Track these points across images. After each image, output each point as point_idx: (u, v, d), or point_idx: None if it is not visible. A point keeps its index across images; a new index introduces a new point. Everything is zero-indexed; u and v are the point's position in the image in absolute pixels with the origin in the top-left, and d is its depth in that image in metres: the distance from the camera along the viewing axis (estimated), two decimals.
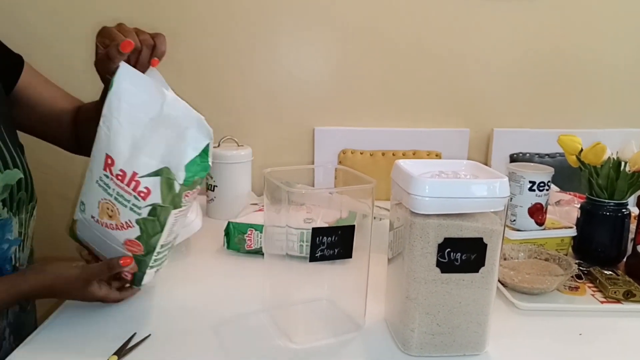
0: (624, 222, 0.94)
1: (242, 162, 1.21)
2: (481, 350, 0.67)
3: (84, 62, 0.89)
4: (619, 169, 0.93)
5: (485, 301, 0.65)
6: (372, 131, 1.57)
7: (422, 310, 0.64)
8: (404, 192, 0.64)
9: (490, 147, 1.60)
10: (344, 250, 0.67)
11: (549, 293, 0.84)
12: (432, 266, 0.63)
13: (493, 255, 0.63)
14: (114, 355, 0.64)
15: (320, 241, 0.65)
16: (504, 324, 0.75)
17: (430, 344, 0.66)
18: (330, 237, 0.65)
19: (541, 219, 0.97)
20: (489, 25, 1.54)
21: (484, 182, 0.63)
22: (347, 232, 0.67)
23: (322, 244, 0.65)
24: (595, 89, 1.61)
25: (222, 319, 0.75)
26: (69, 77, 1.09)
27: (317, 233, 0.65)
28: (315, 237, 0.65)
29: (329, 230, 0.65)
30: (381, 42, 1.53)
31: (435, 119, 1.59)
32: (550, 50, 1.57)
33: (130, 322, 0.73)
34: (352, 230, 0.67)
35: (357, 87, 1.56)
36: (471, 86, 1.58)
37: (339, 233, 0.66)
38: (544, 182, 0.96)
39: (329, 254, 0.66)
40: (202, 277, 0.91)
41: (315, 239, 0.65)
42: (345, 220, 0.73)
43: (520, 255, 0.92)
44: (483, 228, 0.62)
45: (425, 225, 0.62)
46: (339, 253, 0.67)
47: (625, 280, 0.86)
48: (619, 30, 1.57)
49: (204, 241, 1.05)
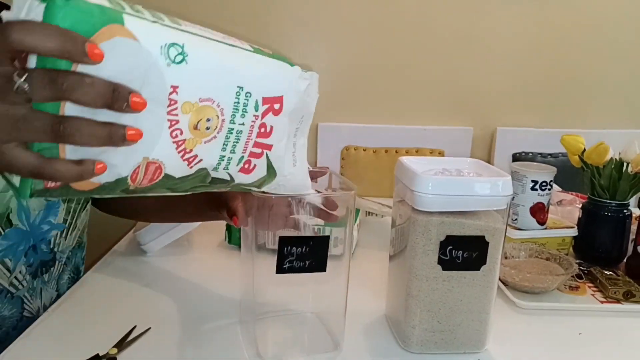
0: (625, 222, 0.94)
1: None
2: (481, 348, 0.67)
3: None
4: (621, 170, 0.93)
5: (486, 299, 0.65)
6: (376, 128, 1.57)
7: (423, 307, 0.65)
8: (407, 189, 0.64)
9: (494, 145, 1.60)
10: (316, 262, 0.60)
11: (550, 292, 0.84)
12: (434, 263, 0.63)
13: (495, 254, 0.64)
14: (113, 347, 0.64)
15: (288, 252, 0.59)
16: (504, 322, 0.75)
17: (430, 341, 0.66)
18: (300, 247, 0.59)
19: (543, 218, 0.97)
20: (495, 25, 1.53)
21: (487, 181, 0.63)
22: (320, 243, 0.60)
23: (291, 255, 0.59)
24: (599, 90, 1.60)
25: (222, 314, 0.75)
26: None
27: (284, 243, 0.59)
28: (283, 247, 0.59)
29: (299, 240, 0.59)
30: (387, 39, 1.52)
31: (439, 117, 1.59)
32: (556, 51, 1.56)
33: (130, 315, 0.73)
34: (326, 242, 0.61)
35: (362, 84, 1.56)
36: (475, 85, 1.58)
37: (310, 244, 0.60)
38: (547, 182, 0.95)
39: (298, 266, 0.60)
40: (203, 271, 0.91)
41: (283, 249, 0.59)
42: (339, 223, 0.67)
43: (521, 254, 0.92)
44: (485, 226, 0.63)
45: (427, 222, 0.62)
46: (311, 266, 0.60)
47: (626, 280, 0.86)
48: (624, 32, 1.57)
49: (206, 236, 1.05)
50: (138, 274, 0.88)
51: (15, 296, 0.71)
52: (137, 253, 0.96)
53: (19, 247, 0.69)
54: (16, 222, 0.68)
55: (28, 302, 0.74)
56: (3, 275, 0.69)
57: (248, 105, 0.49)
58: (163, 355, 0.64)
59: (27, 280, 0.73)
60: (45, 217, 0.73)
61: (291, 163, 0.57)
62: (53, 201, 0.73)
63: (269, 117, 0.51)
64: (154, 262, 0.93)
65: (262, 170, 0.54)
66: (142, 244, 0.95)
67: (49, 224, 0.74)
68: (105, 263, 0.91)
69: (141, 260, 0.93)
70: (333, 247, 0.64)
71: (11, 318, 0.71)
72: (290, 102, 0.53)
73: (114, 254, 0.96)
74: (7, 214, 0.67)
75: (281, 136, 0.54)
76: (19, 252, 0.70)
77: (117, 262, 0.92)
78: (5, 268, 0.69)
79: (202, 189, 0.52)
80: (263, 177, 0.55)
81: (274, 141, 0.53)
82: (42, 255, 0.74)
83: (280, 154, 0.55)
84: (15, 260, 0.69)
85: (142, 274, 0.88)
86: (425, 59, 1.54)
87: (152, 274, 0.88)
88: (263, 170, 0.55)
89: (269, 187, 0.57)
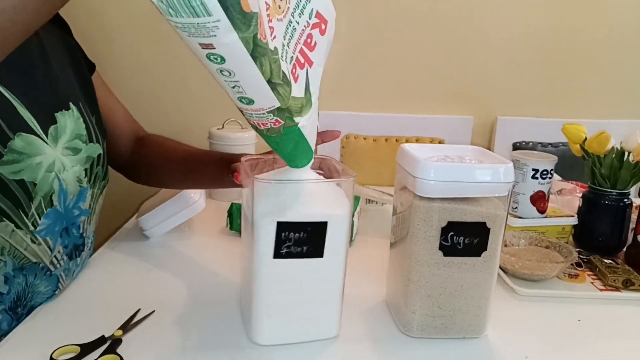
0: (626, 211, 0.95)
1: (245, 145, 1.21)
2: (481, 334, 0.68)
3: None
4: (622, 159, 0.93)
5: (486, 285, 0.66)
6: (376, 117, 1.57)
7: (424, 292, 0.65)
8: (409, 176, 0.64)
9: (494, 135, 1.60)
10: (313, 248, 0.61)
11: (549, 280, 0.85)
12: (435, 249, 0.64)
13: (495, 240, 0.64)
14: (118, 329, 0.65)
15: (286, 237, 0.60)
16: (504, 309, 0.75)
17: (430, 326, 0.66)
18: (298, 233, 0.60)
19: (543, 206, 0.98)
20: (496, 14, 1.53)
21: (489, 167, 0.64)
22: (317, 229, 0.61)
23: (289, 240, 0.60)
24: (600, 79, 1.60)
25: (223, 298, 0.76)
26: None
27: (282, 228, 0.59)
28: (281, 232, 0.59)
29: (297, 226, 0.60)
30: (387, 28, 1.52)
31: (439, 105, 1.59)
32: (557, 40, 1.56)
33: (135, 298, 0.74)
34: (324, 228, 0.61)
35: (362, 73, 1.55)
36: (476, 74, 1.58)
37: (308, 229, 0.60)
38: (547, 170, 0.96)
39: (296, 251, 0.60)
40: (204, 256, 0.92)
41: (281, 234, 0.60)
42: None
43: (521, 242, 0.92)
44: (487, 213, 0.63)
45: (429, 208, 0.63)
46: (308, 251, 0.61)
47: (625, 269, 0.86)
48: (627, 22, 1.56)
49: (207, 222, 1.06)
50: (141, 259, 0.89)
51: (53, 274, 0.74)
52: (140, 238, 0.96)
53: (55, 227, 0.72)
54: (56, 204, 0.71)
55: (63, 281, 0.76)
56: (45, 253, 0.71)
57: (305, 9, 0.53)
58: (167, 336, 0.65)
59: (64, 260, 0.75)
60: (76, 202, 0.75)
61: (317, 96, 0.60)
62: (84, 187, 0.76)
63: (315, 32, 0.55)
64: (157, 247, 0.94)
65: (302, 86, 0.55)
66: (144, 230, 0.95)
67: (79, 209, 0.76)
68: (109, 247, 0.92)
69: (144, 246, 0.94)
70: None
71: (45, 294, 0.74)
72: (329, 33, 0.57)
73: (117, 239, 0.96)
74: (50, 195, 0.69)
75: (319, 59, 0.57)
76: (56, 233, 0.72)
77: (121, 247, 0.93)
78: (47, 246, 0.71)
79: (274, 84, 0.51)
80: (302, 97, 0.56)
81: (314, 58, 0.56)
82: (74, 239, 0.77)
83: (316, 77, 0.57)
84: (53, 240, 0.72)
85: (145, 258, 0.89)
86: (426, 47, 1.54)
87: (155, 258, 0.89)
88: (302, 85, 0.56)
89: (304, 119, 0.57)
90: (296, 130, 0.57)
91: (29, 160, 0.65)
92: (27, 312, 0.71)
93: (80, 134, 0.75)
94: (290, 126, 0.56)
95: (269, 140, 0.59)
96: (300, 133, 0.58)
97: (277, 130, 0.56)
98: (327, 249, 0.62)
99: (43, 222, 0.69)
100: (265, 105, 0.52)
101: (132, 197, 1.43)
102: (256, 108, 0.53)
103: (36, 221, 0.68)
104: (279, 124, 0.55)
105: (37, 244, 0.69)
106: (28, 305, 0.72)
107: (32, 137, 0.66)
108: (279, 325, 0.64)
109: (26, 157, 0.65)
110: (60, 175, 0.70)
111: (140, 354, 0.61)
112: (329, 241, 0.61)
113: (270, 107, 0.53)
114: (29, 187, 0.66)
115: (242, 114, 0.55)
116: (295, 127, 0.57)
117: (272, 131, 0.56)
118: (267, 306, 0.63)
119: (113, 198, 1.42)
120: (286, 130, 0.57)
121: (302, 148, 0.61)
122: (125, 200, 1.46)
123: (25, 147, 0.65)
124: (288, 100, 0.53)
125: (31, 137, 0.66)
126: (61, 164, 0.70)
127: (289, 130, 0.57)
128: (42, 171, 0.67)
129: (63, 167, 0.71)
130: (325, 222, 0.61)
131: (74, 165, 0.73)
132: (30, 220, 0.67)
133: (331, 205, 0.62)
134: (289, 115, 0.55)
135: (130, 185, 0.98)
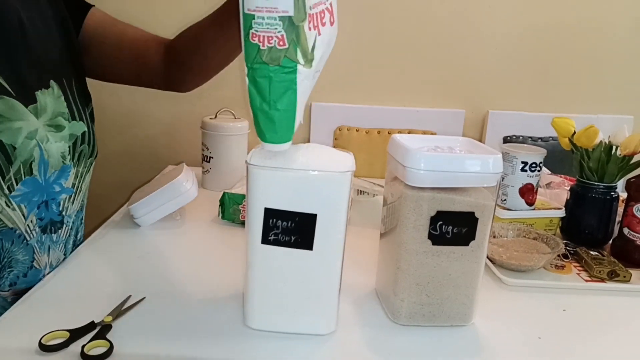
0: (612, 204, 0.96)
1: (238, 135, 1.22)
2: (468, 322, 0.69)
3: None
4: (610, 153, 0.94)
5: (474, 274, 0.67)
6: (369, 109, 1.58)
7: (413, 280, 0.66)
8: (400, 165, 0.65)
9: (485, 128, 1.61)
10: (302, 239, 0.60)
11: (536, 271, 0.86)
12: (424, 238, 0.64)
13: (483, 230, 0.65)
14: (109, 315, 0.65)
15: (273, 224, 0.60)
16: (491, 298, 0.77)
17: (419, 314, 0.67)
18: (285, 222, 0.60)
19: (531, 199, 0.99)
20: (488, 9, 1.54)
21: (478, 157, 0.64)
22: (306, 220, 0.60)
23: (276, 228, 0.60)
24: (590, 75, 1.61)
25: (214, 286, 0.76)
26: None
27: (269, 215, 0.59)
28: (268, 218, 0.59)
29: (284, 214, 0.60)
30: (379, 21, 1.52)
31: (431, 99, 1.60)
32: (548, 36, 1.57)
33: (126, 285, 0.74)
34: (313, 220, 0.60)
35: (355, 65, 1.56)
36: (468, 67, 1.58)
37: (296, 220, 0.60)
38: (536, 163, 0.97)
39: (284, 239, 0.60)
40: (196, 245, 0.92)
41: (268, 220, 0.59)
42: None
43: (509, 233, 0.93)
44: (475, 202, 0.64)
45: (419, 197, 0.63)
46: (296, 242, 0.60)
47: (611, 260, 0.88)
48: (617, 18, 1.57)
49: (199, 211, 1.06)
50: (132, 246, 0.89)
51: (29, 244, 0.75)
52: (132, 226, 0.96)
53: (34, 197, 0.73)
54: (35, 173, 0.72)
55: (37, 253, 0.76)
56: (20, 219, 0.72)
57: None
58: (157, 323, 0.66)
59: (36, 231, 0.75)
60: (58, 178, 0.77)
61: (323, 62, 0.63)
62: (67, 165, 0.77)
63: (327, 18, 0.59)
64: (148, 235, 0.94)
65: (310, 40, 0.57)
66: (135, 218, 0.95)
67: (60, 186, 0.78)
68: (99, 235, 0.92)
69: (135, 233, 0.94)
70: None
71: (23, 264, 0.74)
72: (332, 35, 0.62)
73: (108, 227, 0.96)
74: (30, 162, 0.71)
75: (324, 48, 0.60)
76: (33, 203, 0.73)
77: (112, 234, 0.93)
78: (22, 213, 0.72)
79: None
80: (309, 47, 0.56)
81: (323, 33, 0.59)
82: (52, 214, 0.78)
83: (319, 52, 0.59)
84: (29, 209, 0.73)
85: (136, 246, 0.89)
86: (419, 42, 1.54)
87: (146, 246, 0.89)
88: (311, 41, 0.57)
89: (304, 70, 0.56)
90: (293, 74, 0.54)
91: (9, 123, 0.68)
92: (9, 284, 0.72)
93: (62, 112, 0.77)
94: (291, 59, 0.54)
95: (260, 73, 0.54)
96: (295, 81, 0.55)
97: (278, 56, 0.53)
98: (318, 242, 0.61)
99: (19, 189, 0.71)
100: (280, 5, 0.51)
101: (124, 185, 1.43)
102: (271, 6, 0.51)
103: (12, 186, 0.70)
104: (284, 45, 0.53)
105: (11, 208, 0.70)
106: (9, 274, 0.72)
107: (15, 101, 0.68)
108: (270, 312, 0.65)
109: (6, 120, 0.67)
110: (43, 144, 0.72)
111: (130, 340, 0.61)
112: (320, 234, 0.61)
113: (284, 12, 0.51)
114: (8, 149, 0.68)
115: (249, 28, 0.52)
116: (294, 68, 0.54)
117: (272, 55, 0.53)
118: (258, 291, 0.64)
119: (105, 187, 1.43)
120: (285, 62, 0.54)
121: (285, 109, 0.56)
122: (118, 188, 1.46)
123: (6, 110, 0.67)
124: (301, 15, 0.52)
125: (13, 101, 0.68)
126: (45, 135, 0.72)
127: (287, 65, 0.54)
128: (22, 137, 0.69)
129: (47, 138, 0.73)
130: (315, 215, 0.60)
131: (57, 141, 0.75)
132: (6, 183, 0.69)
133: (324, 198, 0.60)
134: (296, 40, 0.53)
135: (122, 174, 0.98)
